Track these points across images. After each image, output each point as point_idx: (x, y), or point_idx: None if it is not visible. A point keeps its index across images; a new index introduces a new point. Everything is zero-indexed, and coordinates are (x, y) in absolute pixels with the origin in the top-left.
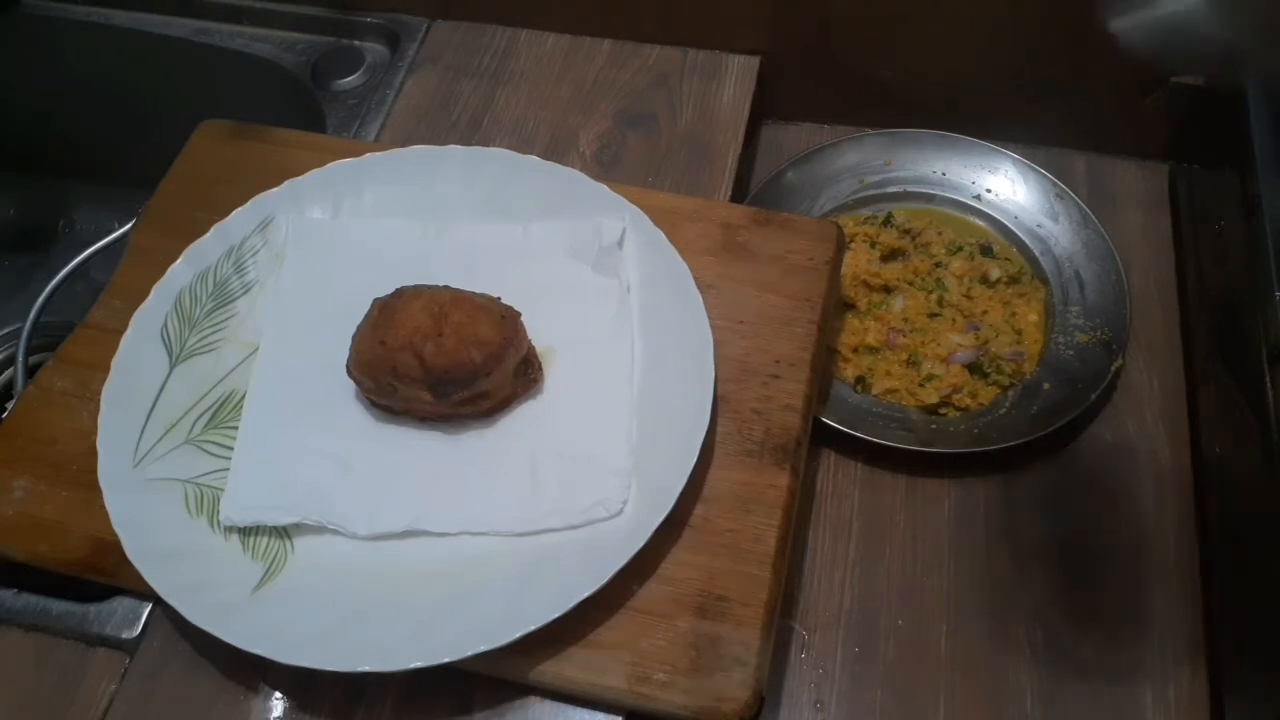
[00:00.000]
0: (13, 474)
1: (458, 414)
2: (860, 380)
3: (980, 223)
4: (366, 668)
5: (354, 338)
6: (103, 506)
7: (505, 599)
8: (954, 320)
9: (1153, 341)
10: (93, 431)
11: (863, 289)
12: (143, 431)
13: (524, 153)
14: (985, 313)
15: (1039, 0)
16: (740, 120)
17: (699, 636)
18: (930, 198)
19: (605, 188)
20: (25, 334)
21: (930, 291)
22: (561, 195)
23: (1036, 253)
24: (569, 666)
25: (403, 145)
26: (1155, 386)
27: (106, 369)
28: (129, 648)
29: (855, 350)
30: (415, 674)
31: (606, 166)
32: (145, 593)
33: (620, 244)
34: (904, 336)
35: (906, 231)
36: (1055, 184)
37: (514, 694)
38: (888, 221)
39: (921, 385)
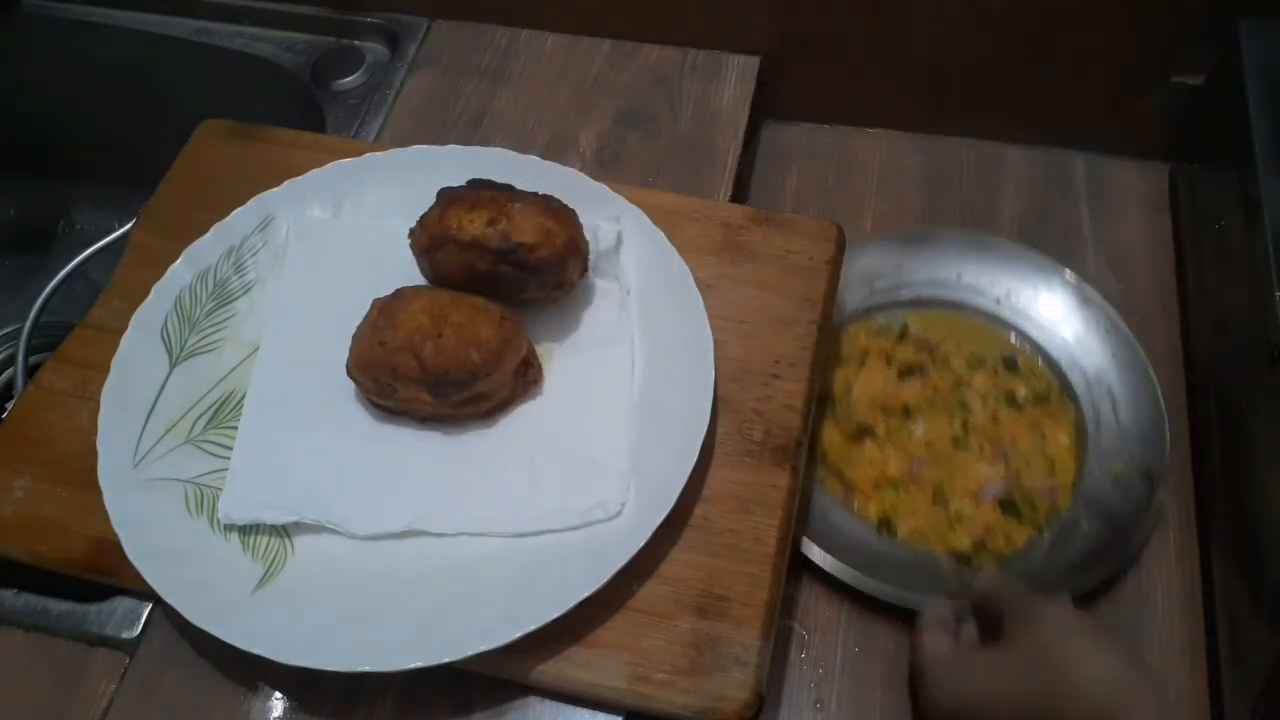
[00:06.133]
0: (13, 474)
1: (457, 415)
2: (885, 522)
3: (1001, 331)
4: (366, 668)
5: (354, 338)
6: (103, 506)
7: (505, 599)
8: (981, 448)
9: (1152, 342)
10: (93, 431)
11: (880, 413)
12: (143, 431)
13: (524, 153)
14: (1014, 439)
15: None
16: (740, 120)
17: (699, 636)
18: (947, 303)
19: (605, 188)
20: (25, 334)
21: (953, 415)
22: (561, 195)
23: (1063, 365)
24: (569, 666)
25: (403, 145)
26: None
27: (107, 369)
28: (129, 648)
29: (876, 485)
30: (415, 674)
31: (606, 166)
32: (145, 592)
33: (619, 246)
34: (928, 467)
35: (924, 344)
36: (1080, 287)
37: (514, 694)
38: (903, 335)
39: (951, 527)
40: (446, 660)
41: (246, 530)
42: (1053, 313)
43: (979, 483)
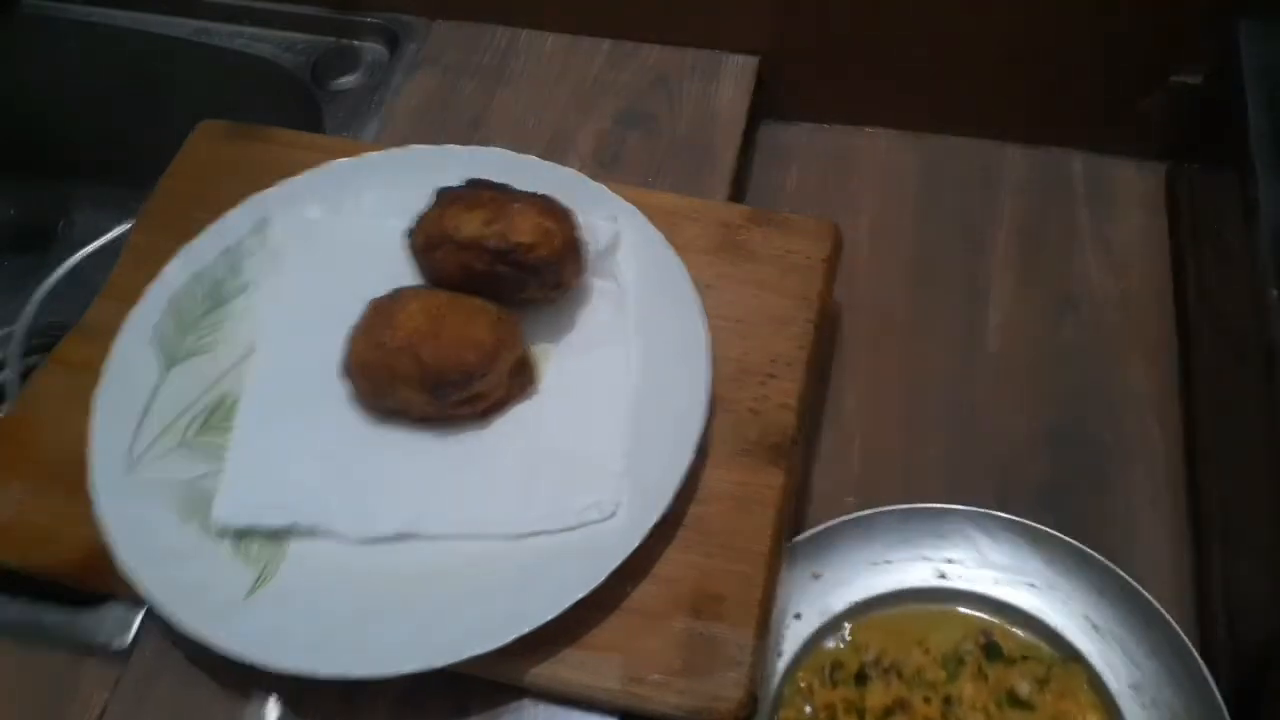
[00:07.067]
0: (6, 478)
1: (452, 416)
2: None
3: (963, 609)
4: (361, 673)
5: (349, 339)
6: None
7: (500, 601)
8: None
9: (1150, 342)
10: (86, 435)
11: None
12: (136, 434)
13: (523, 153)
14: None
15: None
16: (739, 120)
17: (694, 637)
18: (885, 600)
19: (604, 188)
20: (21, 335)
21: None
22: (560, 195)
23: (1050, 624)
24: (564, 668)
25: (401, 145)
26: (1152, 386)
27: (100, 371)
28: (121, 655)
29: None
30: (410, 678)
31: (605, 166)
32: (137, 599)
33: (617, 246)
34: None
35: (881, 664)
36: (1024, 524)
37: (509, 697)
38: (859, 673)
39: None
40: (442, 664)
41: (239, 535)
42: (1008, 563)
43: None
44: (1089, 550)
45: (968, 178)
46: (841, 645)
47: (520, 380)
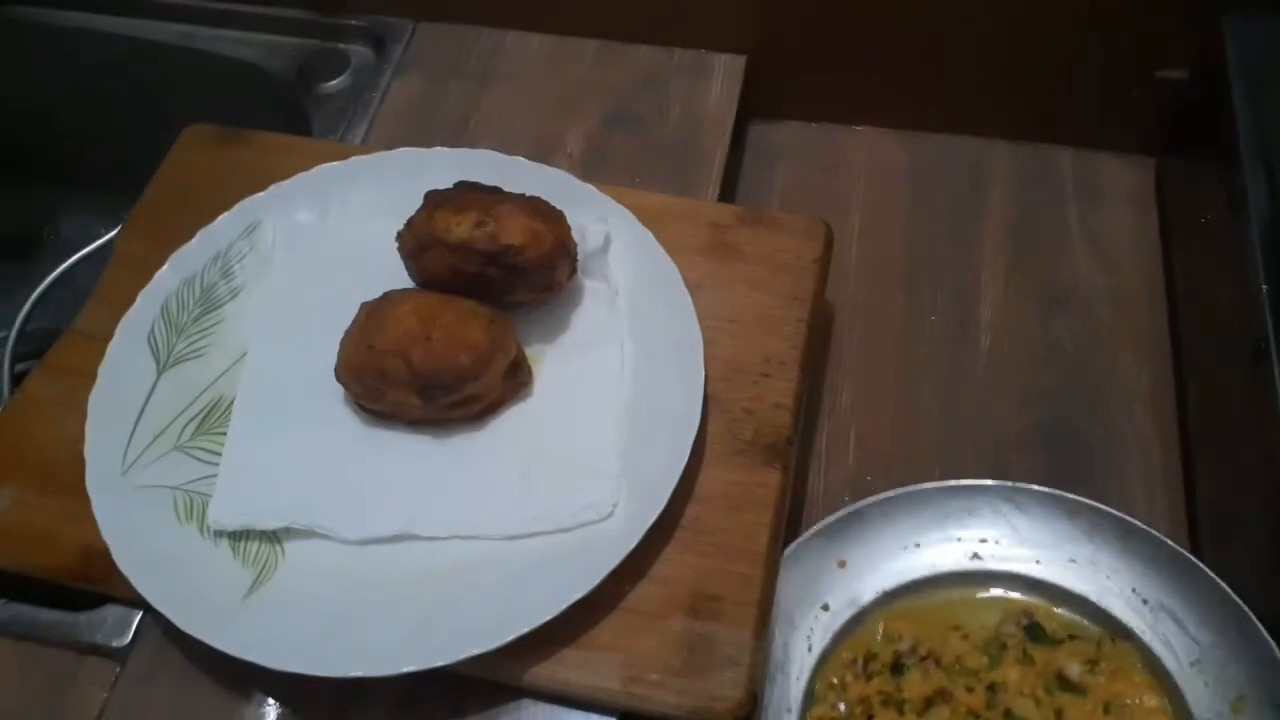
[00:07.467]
0: (0, 483)
1: (447, 418)
2: None
3: (1000, 590)
4: (359, 673)
5: (342, 342)
6: (91, 514)
7: (497, 602)
8: None
9: (1141, 336)
10: (80, 439)
11: None
12: (130, 438)
13: (511, 154)
14: None
15: None
16: (727, 119)
17: (692, 636)
18: (917, 586)
19: (593, 188)
20: (11, 341)
21: None
22: (549, 197)
23: (1094, 600)
24: (562, 668)
25: (389, 148)
26: (1144, 381)
27: (94, 376)
28: (119, 656)
29: None
30: (408, 678)
31: (594, 167)
32: (135, 600)
33: (607, 247)
34: None
35: (918, 652)
36: (1060, 496)
37: (508, 697)
38: (894, 663)
39: None
40: (439, 664)
41: (237, 536)
42: (1047, 538)
43: None
44: (1134, 520)
45: (957, 175)
46: (874, 635)
47: (515, 382)
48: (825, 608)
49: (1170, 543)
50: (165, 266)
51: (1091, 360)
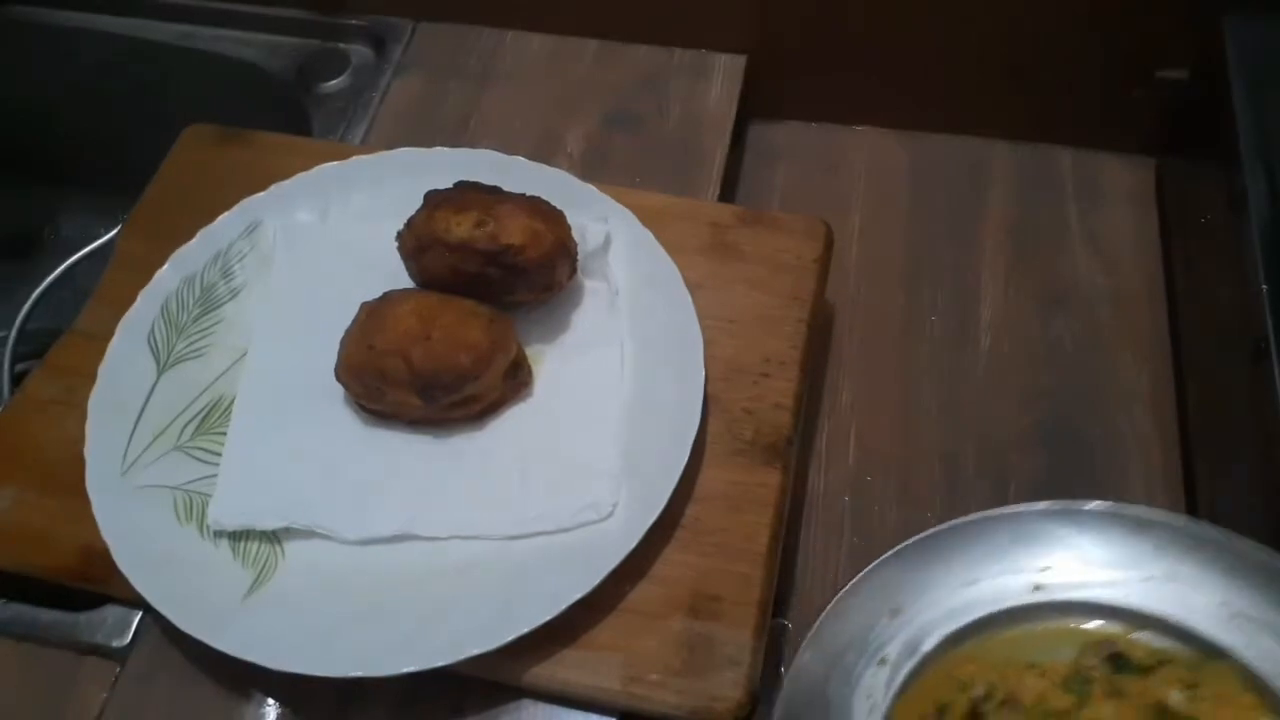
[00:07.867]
0: (0, 483)
1: (447, 418)
2: None
3: (1073, 621)
4: (359, 673)
5: (342, 342)
6: (91, 514)
7: (497, 602)
8: None
9: (1141, 336)
10: (81, 439)
11: None
12: (130, 438)
13: (511, 154)
14: None
15: None
16: (727, 119)
17: (692, 636)
18: (980, 625)
19: (593, 188)
20: (11, 341)
21: None
22: (549, 196)
23: (1177, 620)
24: (562, 668)
25: (389, 148)
26: (1144, 381)
27: (94, 376)
28: (119, 656)
29: None
30: (409, 679)
31: (594, 167)
32: (135, 601)
33: (607, 247)
34: None
35: (995, 697)
36: (1122, 512)
37: (508, 697)
38: (971, 712)
39: None
40: (439, 664)
41: (236, 536)
42: (1116, 557)
43: None
44: (1210, 526)
45: (957, 175)
46: (941, 684)
47: (515, 382)
48: (883, 661)
49: (1261, 547)
50: (165, 266)
51: (1091, 360)
